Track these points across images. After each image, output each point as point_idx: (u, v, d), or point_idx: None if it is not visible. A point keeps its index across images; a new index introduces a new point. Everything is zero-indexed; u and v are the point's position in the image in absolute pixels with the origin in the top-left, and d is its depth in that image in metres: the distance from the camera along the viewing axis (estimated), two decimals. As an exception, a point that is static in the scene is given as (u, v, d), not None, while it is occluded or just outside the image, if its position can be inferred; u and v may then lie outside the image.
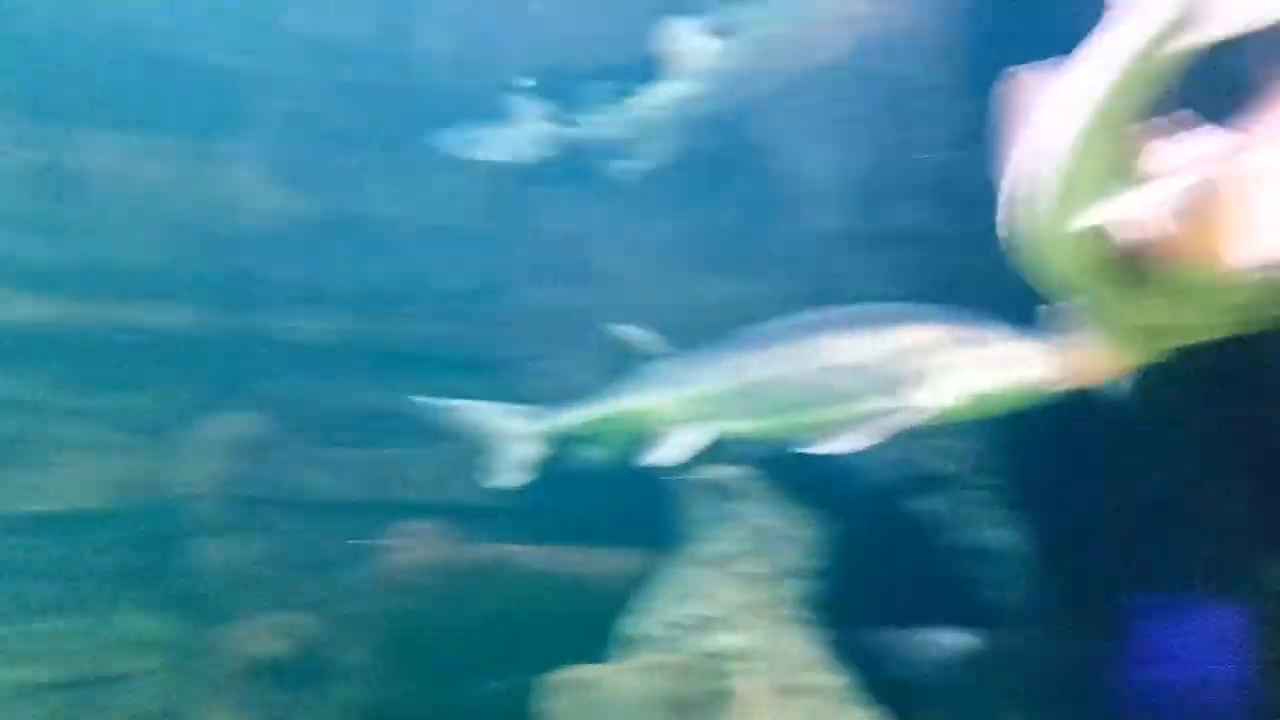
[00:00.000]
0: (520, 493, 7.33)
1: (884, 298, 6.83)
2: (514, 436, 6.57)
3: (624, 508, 6.58)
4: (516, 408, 6.69)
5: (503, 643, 6.28)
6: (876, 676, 5.57)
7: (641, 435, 6.09)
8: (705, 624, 5.63)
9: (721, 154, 7.68)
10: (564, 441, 6.58)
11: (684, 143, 7.54)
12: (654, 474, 6.43)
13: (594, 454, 6.35)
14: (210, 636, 6.80)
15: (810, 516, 6.00)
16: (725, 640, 5.52)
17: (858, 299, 6.61)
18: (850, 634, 5.69)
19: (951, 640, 6.08)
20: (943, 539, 6.25)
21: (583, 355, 7.51)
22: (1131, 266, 2.87)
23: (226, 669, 6.66)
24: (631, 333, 6.44)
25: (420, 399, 6.78)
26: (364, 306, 7.85)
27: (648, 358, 6.33)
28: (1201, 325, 3.14)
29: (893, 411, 4.74)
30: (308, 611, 6.88)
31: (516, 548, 6.65)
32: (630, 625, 5.87)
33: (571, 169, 7.81)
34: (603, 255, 7.91)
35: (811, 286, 7.24)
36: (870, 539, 6.03)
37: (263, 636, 6.65)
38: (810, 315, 5.50)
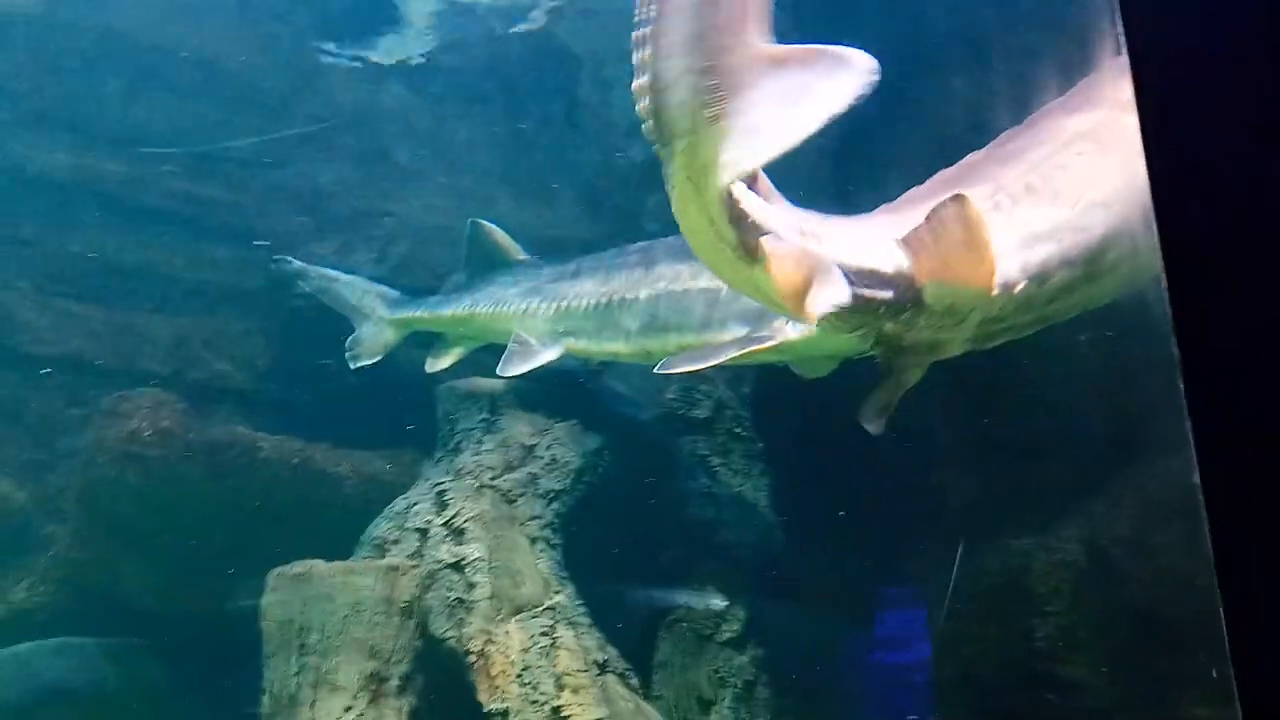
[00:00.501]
0: (270, 380, 6.96)
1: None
2: (373, 317, 6.37)
3: (386, 410, 6.36)
4: (380, 288, 6.45)
5: (233, 531, 5.92)
6: (610, 600, 5.71)
7: (490, 342, 5.93)
8: (450, 534, 5.56)
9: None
10: (412, 335, 6.36)
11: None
12: (421, 379, 6.26)
13: (441, 356, 6.15)
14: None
15: (574, 440, 6.02)
16: (467, 551, 5.47)
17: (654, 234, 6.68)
18: (594, 559, 5.78)
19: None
20: (694, 480, 6.47)
21: (365, 241, 7.17)
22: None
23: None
24: (494, 232, 6.23)
25: (290, 259, 6.53)
26: (120, 147, 7.08)
27: (503, 262, 6.14)
28: (951, 342, 3.43)
29: (739, 340, 4.56)
30: (11, 473, 6.23)
31: (261, 435, 6.26)
32: (375, 526, 5.71)
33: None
34: (398, 143, 7.53)
35: (609, 218, 7.26)
36: (630, 468, 6.14)
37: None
38: (672, 240, 5.30)
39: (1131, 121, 1.17)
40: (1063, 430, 5.39)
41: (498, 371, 5.61)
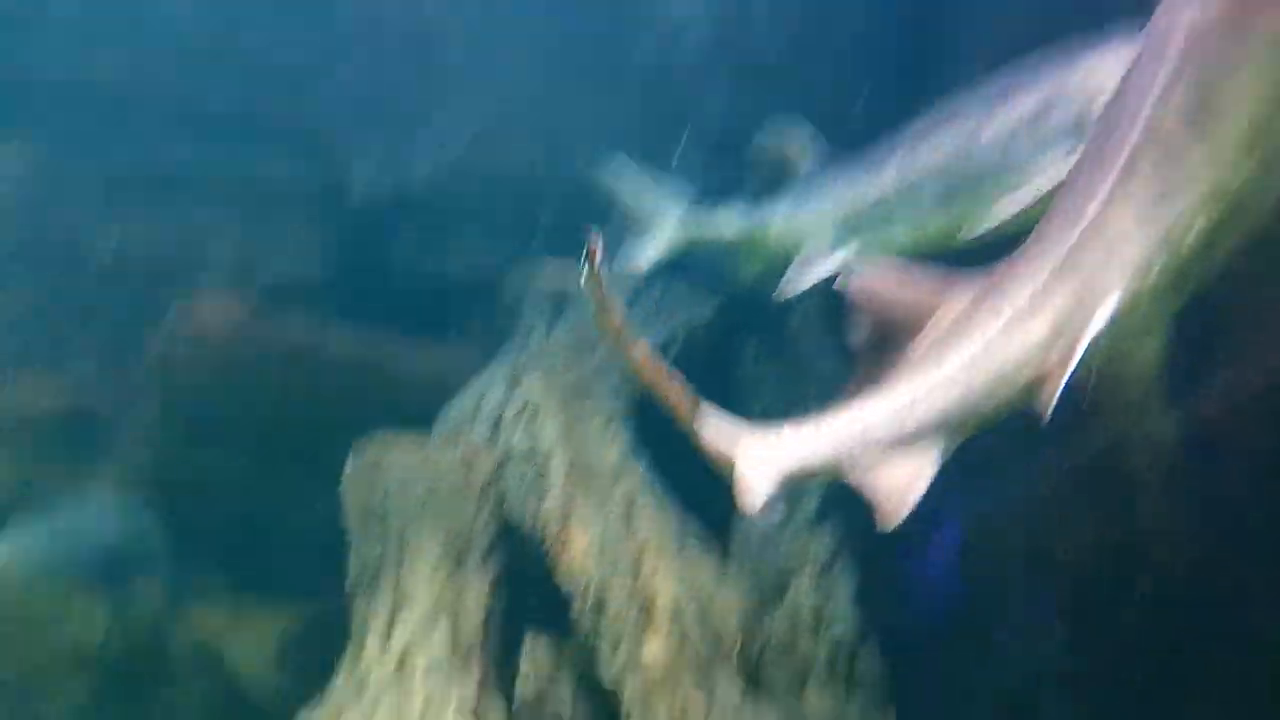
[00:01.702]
0: (337, 278, 6.99)
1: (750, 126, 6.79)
2: (664, 218, 5.82)
3: (453, 303, 6.35)
4: (675, 189, 5.91)
5: (308, 421, 5.97)
6: (688, 477, 5.67)
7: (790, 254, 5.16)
8: (524, 414, 5.55)
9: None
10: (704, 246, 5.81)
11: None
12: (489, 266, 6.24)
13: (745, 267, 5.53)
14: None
15: (648, 319, 5.97)
16: (541, 430, 5.47)
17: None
18: (669, 436, 5.75)
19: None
20: (767, 367, 6.39)
21: (420, 144, 7.12)
22: None
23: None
24: (792, 133, 5.39)
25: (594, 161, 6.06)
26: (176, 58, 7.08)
27: (805, 164, 5.30)
28: None
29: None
30: (86, 370, 6.32)
31: (331, 329, 6.29)
32: (449, 408, 5.72)
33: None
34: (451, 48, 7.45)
35: (669, 109, 7.13)
36: (703, 346, 6.08)
37: (36, 392, 6.05)
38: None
39: None
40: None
41: (779, 294, 5.03)
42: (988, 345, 2.93)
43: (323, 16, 7.30)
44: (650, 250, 5.84)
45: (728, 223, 5.70)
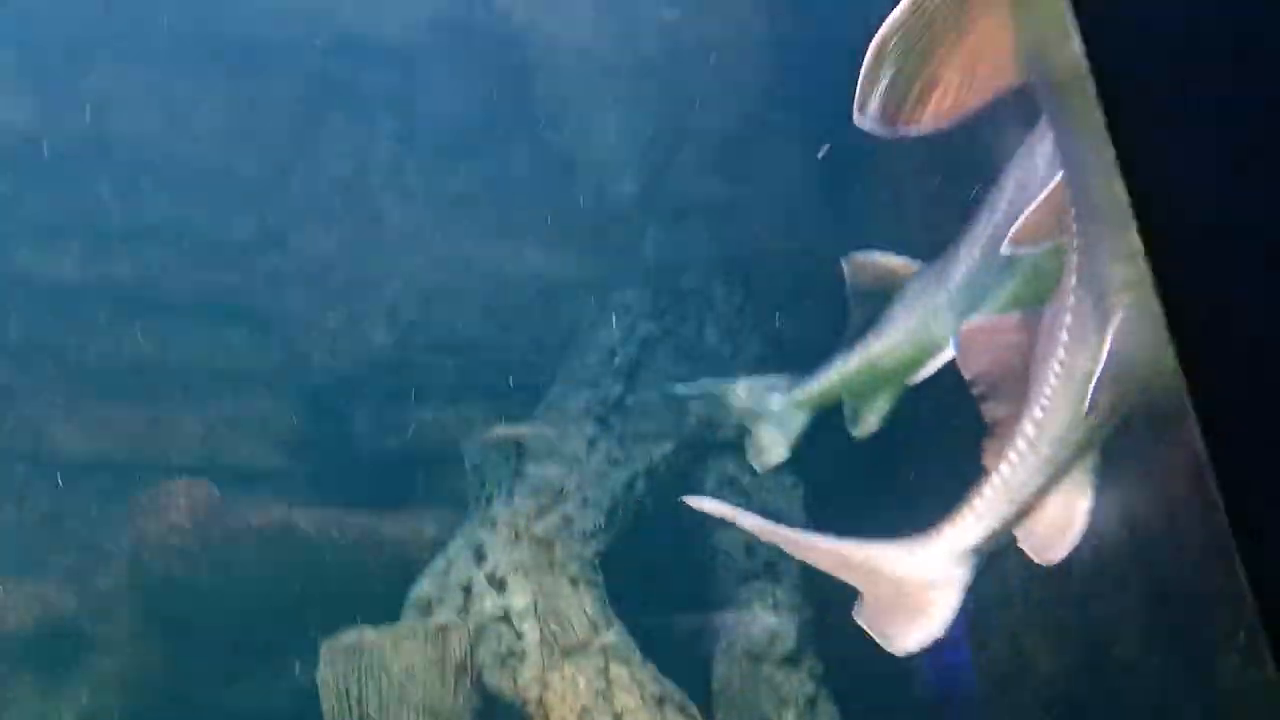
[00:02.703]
0: (300, 456, 7.05)
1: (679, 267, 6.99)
2: (775, 411, 5.44)
3: (416, 470, 6.43)
4: (766, 379, 5.55)
5: (281, 609, 5.99)
6: (659, 632, 5.73)
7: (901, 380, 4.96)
8: (493, 585, 5.60)
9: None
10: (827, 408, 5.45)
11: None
12: (449, 435, 6.33)
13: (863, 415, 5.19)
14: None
15: (603, 476, 6.06)
16: (512, 601, 5.51)
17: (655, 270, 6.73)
18: (638, 592, 5.81)
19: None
20: (728, 501, 6.48)
21: (373, 311, 7.26)
22: None
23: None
24: (875, 259, 5.10)
25: (673, 385, 5.89)
26: (126, 246, 7.22)
27: (893, 285, 5.04)
28: None
29: None
30: (59, 581, 6.33)
31: (296, 510, 6.34)
32: (418, 587, 5.77)
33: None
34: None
35: (609, 254, 7.32)
36: (662, 498, 6.16)
37: (9, 608, 6.04)
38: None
39: None
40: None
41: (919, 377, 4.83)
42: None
43: (274, 190, 7.46)
44: (779, 447, 5.54)
45: (832, 376, 5.32)
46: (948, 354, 4.57)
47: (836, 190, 6.23)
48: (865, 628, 3.61)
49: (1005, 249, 3.82)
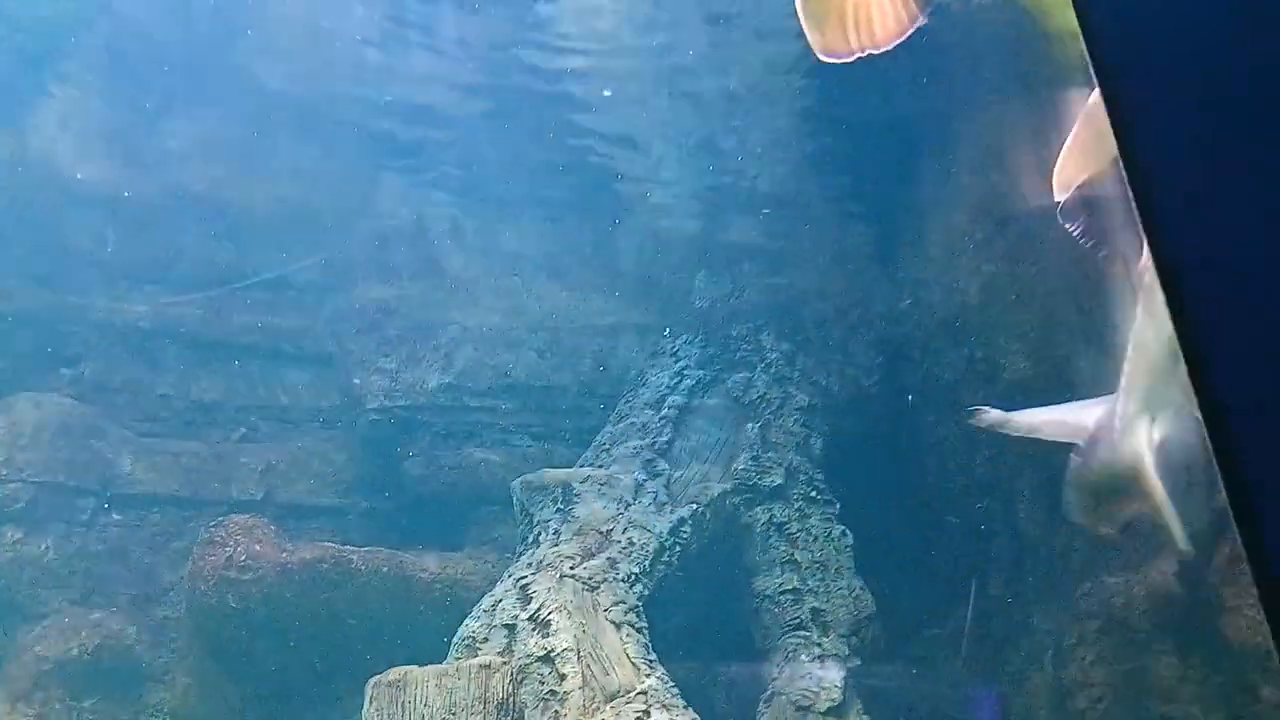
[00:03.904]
0: (355, 494, 7.22)
1: (729, 315, 7.07)
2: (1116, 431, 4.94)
3: (466, 510, 6.54)
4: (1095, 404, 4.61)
5: (331, 644, 6.11)
6: (703, 678, 5.71)
7: None
8: (537, 627, 5.64)
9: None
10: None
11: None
12: (499, 475, 6.43)
13: None
14: (14, 636, 6.37)
15: (650, 520, 6.10)
16: (555, 643, 5.55)
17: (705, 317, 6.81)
18: (682, 637, 5.81)
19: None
20: (775, 549, 6.47)
21: (429, 354, 7.44)
22: None
23: (31, 670, 6.25)
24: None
25: (986, 411, 5.75)
26: (196, 290, 7.54)
27: None
28: None
29: None
30: (121, 610, 6.54)
31: (350, 548, 6.48)
32: (464, 626, 5.83)
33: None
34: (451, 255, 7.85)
35: (658, 302, 7.44)
36: (708, 543, 6.18)
37: (72, 636, 6.26)
38: None
39: None
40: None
41: None
42: None
43: (337, 239, 7.74)
44: None
45: None
46: None
47: (886, 242, 6.28)
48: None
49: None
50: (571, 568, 5.88)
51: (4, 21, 7.04)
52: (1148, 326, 3.63)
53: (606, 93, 7.24)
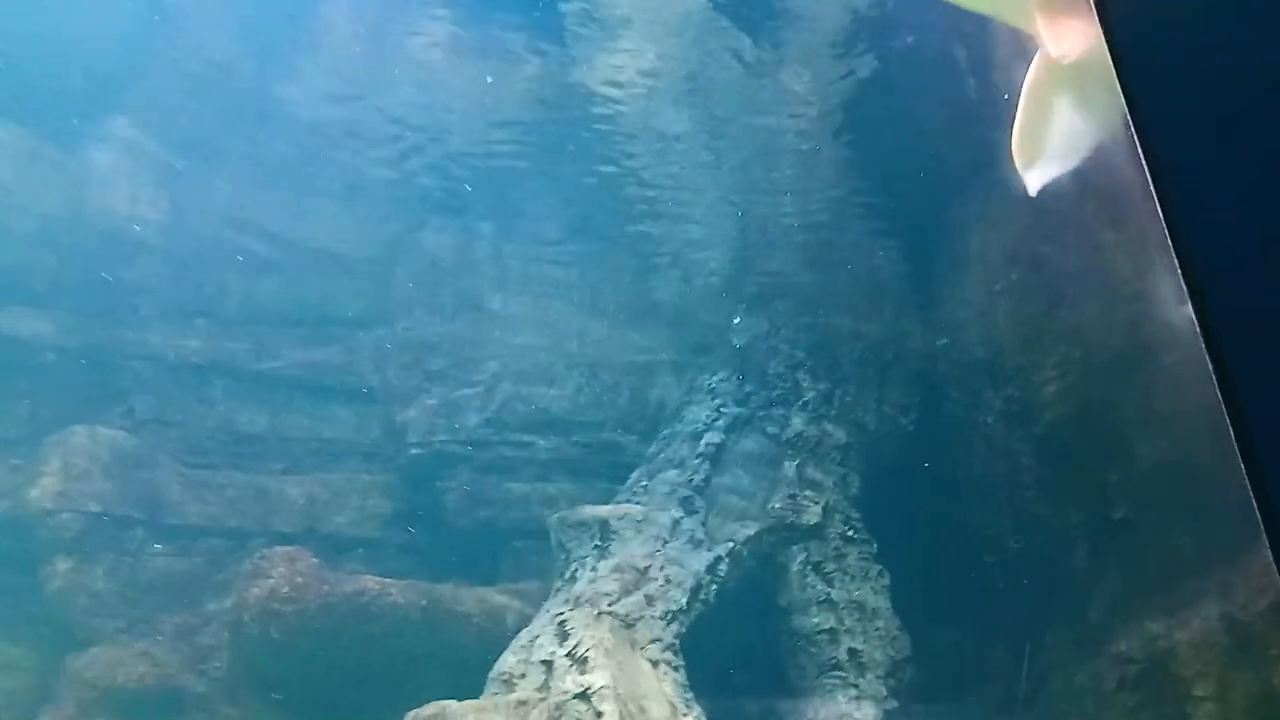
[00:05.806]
0: (394, 527, 7.32)
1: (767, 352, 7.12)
2: None
3: (504, 545, 6.60)
4: None
5: (369, 676, 6.18)
6: (742, 717, 5.70)
7: None
8: (574, 663, 5.68)
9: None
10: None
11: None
12: (536, 511, 6.50)
13: None
14: (64, 663, 6.51)
15: (687, 558, 6.13)
16: (592, 680, 5.57)
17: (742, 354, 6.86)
18: (719, 676, 5.82)
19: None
20: (812, 588, 6.47)
21: (470, 389, 7.56)
22: None
23: (79, 696, 6.38)
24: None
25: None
26: (244, 327, 7.71)
27: None
28: None
29: None
30: (166, 639, 6.67)
31: (389, 581, 6.57)
32: (502, 662, 5.88)
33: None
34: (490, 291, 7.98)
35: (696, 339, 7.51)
36: (745, 581, 6.19)
37: (118, 664, 6.39)
38: None
39: None
40: (1182, 502, 5.28)
41: None
42: None
43: (381, 276, 7.89)
44: None
45: None
46: None
47: (923, 281, 6.32)
48: None
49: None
50: (609, 605, 5.92)
51: (58, 59, 7.26)
52: None
53: (642, 133, 7.37)
